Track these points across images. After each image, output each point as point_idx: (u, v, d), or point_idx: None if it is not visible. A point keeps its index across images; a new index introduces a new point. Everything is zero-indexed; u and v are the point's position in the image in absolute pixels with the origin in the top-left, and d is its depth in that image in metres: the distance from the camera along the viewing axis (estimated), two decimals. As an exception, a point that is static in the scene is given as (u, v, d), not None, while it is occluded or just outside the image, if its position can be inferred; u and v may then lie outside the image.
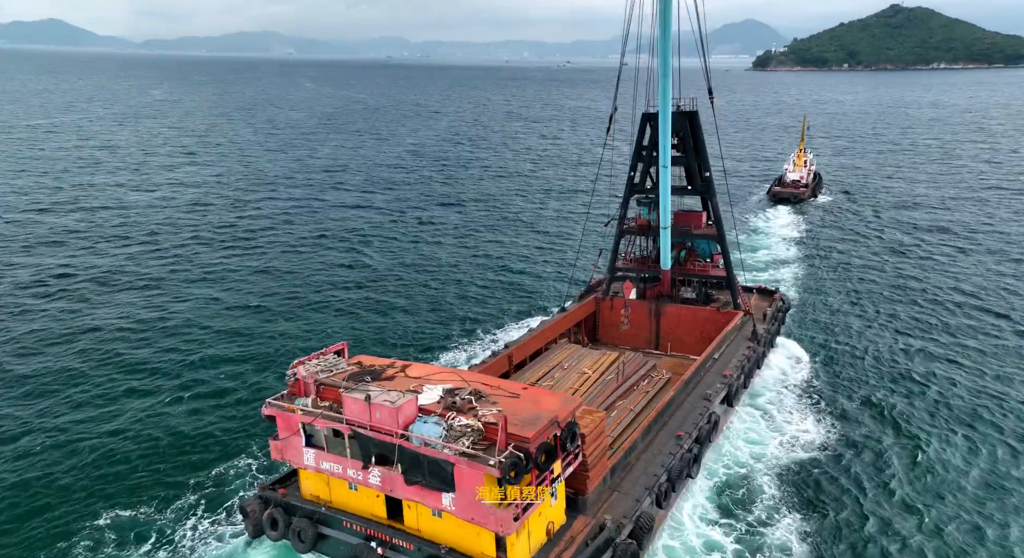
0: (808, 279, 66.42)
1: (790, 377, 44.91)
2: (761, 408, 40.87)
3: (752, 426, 38.79)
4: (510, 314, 56.67)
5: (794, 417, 40.04)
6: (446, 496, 21.56)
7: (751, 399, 41.51)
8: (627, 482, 27.72)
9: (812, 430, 38.69)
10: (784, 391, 43.11)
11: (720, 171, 47.75)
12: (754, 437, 37.66)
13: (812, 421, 39.62)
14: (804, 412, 40.62)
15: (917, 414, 41.10)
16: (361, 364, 27.46)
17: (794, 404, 41.54)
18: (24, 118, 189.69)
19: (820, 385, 44.34)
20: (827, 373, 46.26)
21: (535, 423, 21.76)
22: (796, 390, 43.38)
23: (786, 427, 38.89)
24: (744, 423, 38.97)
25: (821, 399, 42.39)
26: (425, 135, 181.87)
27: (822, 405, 41.72)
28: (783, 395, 42.59)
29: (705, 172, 44.90)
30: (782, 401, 41.83)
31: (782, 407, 41.13)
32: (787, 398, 42.27)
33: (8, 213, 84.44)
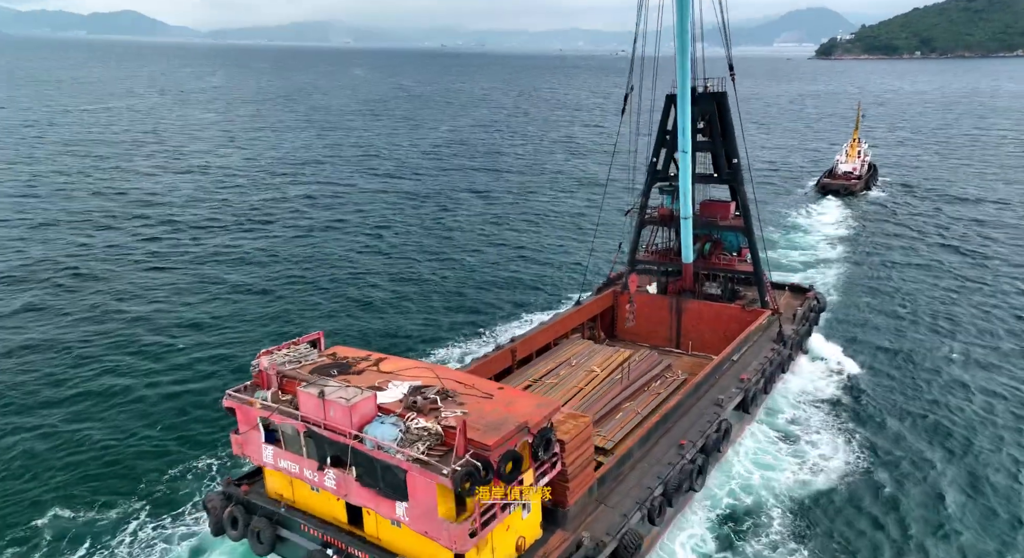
0: (852, 279, 61.81)
1: (819, 388, 40.88)
2: (781, 426, 36.95)
3: (767, 447, 34.90)
4: (524, 306, 54.57)
5: (819, 438, 35.66)
6: (400, 505, 19.74)
7: (770, 412, 37.91)
8: (617, 494, 25.41)
9: (839, 457, 34.09)
10: (810, 404, 39.18)
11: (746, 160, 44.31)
12: (768, 460, 33.65)
13: (840, 445, 35.13)
14: (831, 432, 36.29)
15: (976, 448, 35.47)
16: (335, 356, 25.86)
17: (820, 422, 37.36)
18: (81, 103, 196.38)
19: (854, 401, 39.81)
20: (864, 387, 41.51)
21: (499, 428, 19.70)
22: (824, 404, 39.23)
23: (807, 451, 34.52)
24: (758, 442, 35.20)
25: (854, 418, 37.75)
26: (464, 122, 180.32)
27: (853, 426, 37.02)
28: (808, 409, 38.65)
29: (733, 159, 41.67)
30: (806, 417, 37.80)
31: (805, 424, 37.02)
32: (813, 413, 38.24)
33: (39, 191, 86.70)
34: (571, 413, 24.65)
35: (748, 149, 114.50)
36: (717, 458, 31.60)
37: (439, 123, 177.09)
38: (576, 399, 34.21)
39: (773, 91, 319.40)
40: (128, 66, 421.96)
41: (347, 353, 26.28)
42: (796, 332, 40.47)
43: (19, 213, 77.01)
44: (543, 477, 21.75)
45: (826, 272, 63.01)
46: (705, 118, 41.65)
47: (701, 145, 42.36)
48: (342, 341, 46.33)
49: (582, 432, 23.72)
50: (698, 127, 42.25)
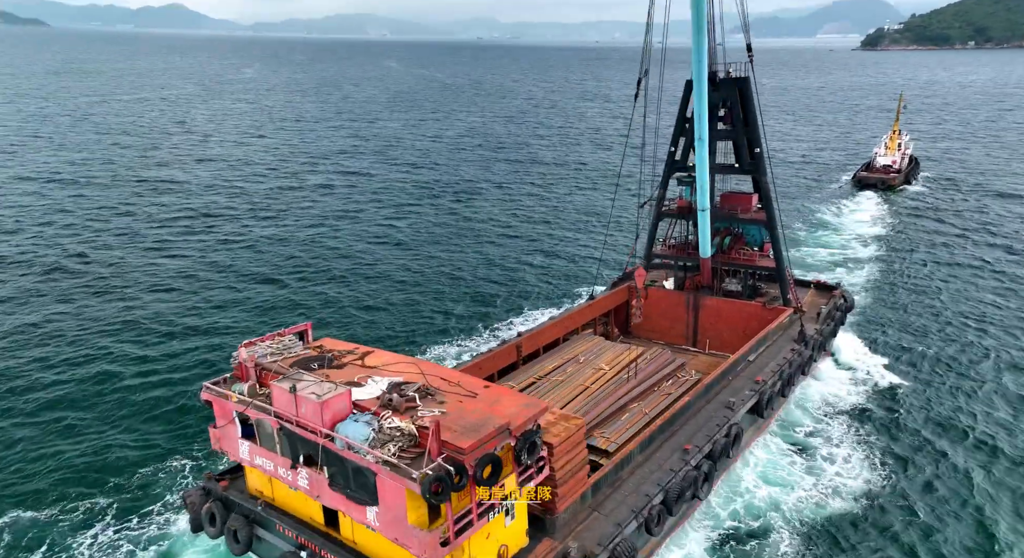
0: (885, 278, 58.79)
1: (842, 396, 38.39)
2: (797, 437, 34.22)
3: (780, 460, 32.33)
4: (535, 301, 53.25)
5: (838, 453, 32.88)
6: (371, 510, 18.63)
7: (787, 423, 35.53)
8: (613, 501, 23.96)
9: (859, 476, 31.09)
10: (831, 414, 36.64)
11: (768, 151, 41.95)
12: (781, 476, 31.01)
13: (861, 462, 32.30)
14: (853, 447, 33.49)
15: (1016, 474, 31.72)
16: (321, 348, 24.85)
17: (841, 434, 34.62)
18: (118, 92, 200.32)
19: (881, 413, 36.91)
20: (893, 398, 38.47)
21: (478, 430, 18.42)
22: (847, 415, 36.56)
23: (824, 468, 31.63)
24: (771, 453, 32.76)
25: (879, 433, 34.86)
26: (491, 114, 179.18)
27: (878, 442, 34.05)
28: (829, 419, 36.12)
29: (755, 148, 39.57)
30: (826, 428, 35.18)
31: (824, 437, 34.35)
32: (833, 424, 35.61)
33: (64, 175, 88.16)
34: (563, 414, 23.27)
35: (781, 142, 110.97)
36: (726, 465, 29.89)
37: (467, 114, 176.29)
38: (581, 398, 32.76)
39: (811, 82, 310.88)
40: (168, 58, 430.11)
41: (335, 346, 25.26)
42: (819, 332, 38.30)
43: (37, 195, 78.39)
44: (527, 483, 20.45)
45: (857, 270, 60.13)
46: (726, 105, 39.66)
47: (722, 133, 40.44)
48: (342, 332, 45.90)
49: (573, 435, 22.33)
50: (719, 115, 40.43)
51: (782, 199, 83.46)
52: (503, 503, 19.72)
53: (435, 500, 16.91)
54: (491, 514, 19.30)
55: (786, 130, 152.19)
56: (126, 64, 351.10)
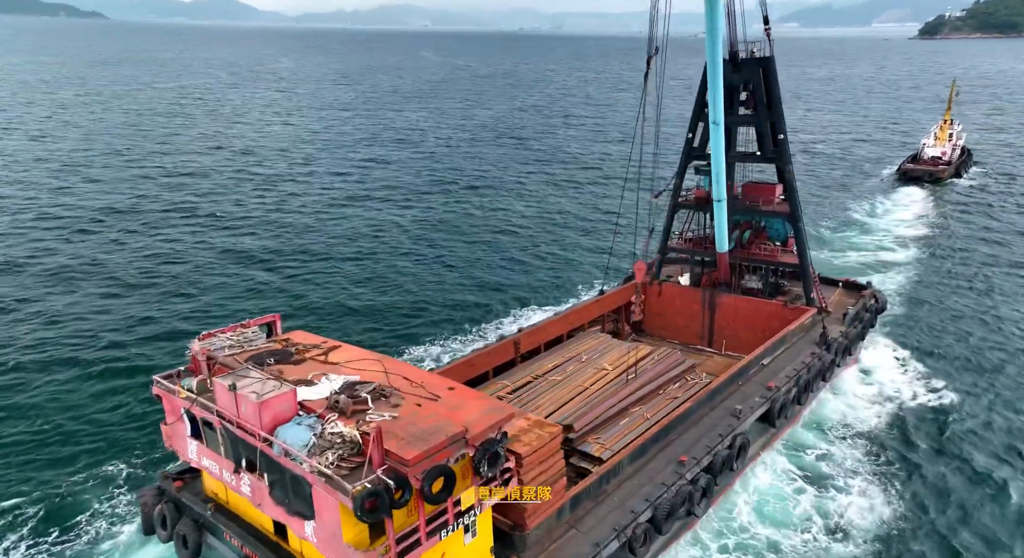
0: (926, 281, 54.42)
1: (864, 416, 34.59)
2: (807, 462, 30.41)
3: (784, 488, 28.55)
4: (545, 295, 51.19)
5: (851, 485, 28.92)
6: (308, 524, 16.91)
7: (795, 445, 31.94)
8: (594, 517, 21.83)
9: (877, 515, 27.38)
10: (848, 434, 32.92)
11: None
12: (784, 510, 27.29)
13: (880, 497, 28.30)
14: (871, 478, 29.64)
15: None
16: (287, 341, 23.27)
17: (858, 460, 30.77)
18: (157, 80, 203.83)
19: (909, 437, 32.74)
20: (925, 422, 34.32)
21: (428, 439, 16.51)
22: (867, 437, 32.74)
23: (835, 504, 27.59)
24: (775, 479, 29.10)
25: (903, 464, 30.59)
26: (519, 103, 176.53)
27: (901, 474, 29.79)
28: (845, 441, 32.37)
29: (779, 134, 36.62)
30: (842, 452, 31.42)
31: (838, 462, 30.61)
32: (850, 447, 31.84)
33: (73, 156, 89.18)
34: (538, 420, 21.20)
35: (820, 133, 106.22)
36: (730, 479, 27.46)
37: (494, 103, 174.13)
38: (578, 399, 30.59)
39: (859, 72, 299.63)
40: (212, 49, 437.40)
41: (303, 339, 23.65)
42: (845, 335, 35.30)
43: (48, 177, 79.28)
44: (489, 497, 18.49)
45: (894, 272, 55.97)
46: (748, 88, 36.77)
47: (743, 119, 37.63)
48: (330, 324, 44.55)
49: (547, 444, 20.26)
50: (740, 98, 37.61)
51: (816, 194, 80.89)
52: (460, 519, 17.80)
53: (367, 518, 15.07)
54: (444, 532, 17.40)
55: (827, 121, 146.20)
56: (171, 54, 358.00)
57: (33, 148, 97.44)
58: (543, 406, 30.05)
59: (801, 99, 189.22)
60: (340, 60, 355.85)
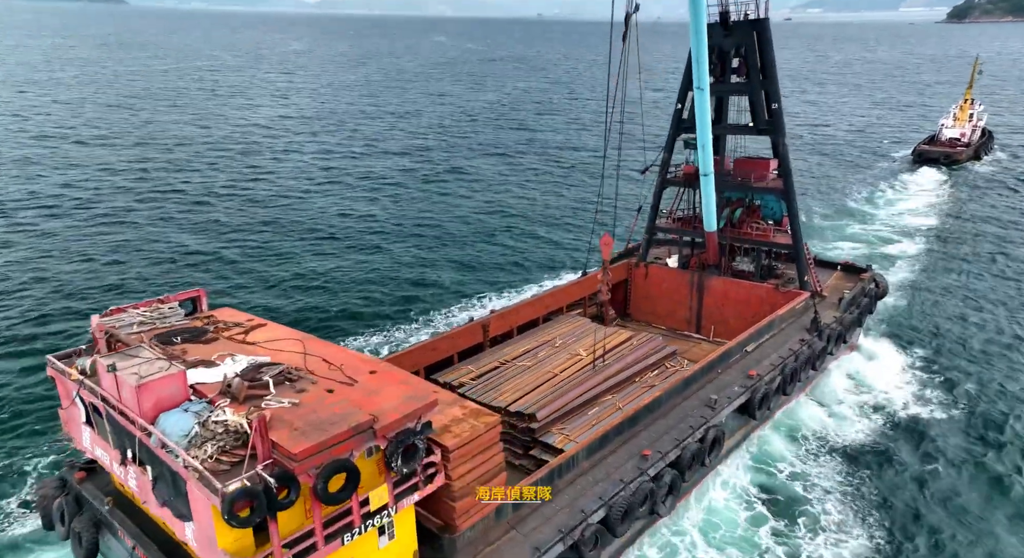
0: (935, 273, 50.64)
1: (844, 429, 30.63)
2: (772, 482, 26.31)
3: (739, 512, 24.71)
4: (524, 277, 48.83)
5: (825, 515, 24.85)
6: (188, 525, 14.81)
7: (763, 459, 28.07)
8: (539, 517, 19.58)
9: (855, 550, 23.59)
10: (826, 449, 29.03)
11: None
12: (731, 538, 23.54)
13: (860, 535, 24.25)
14: (848, 506, 25.41)
15: None
16: (211, 319, 21.17)
17: (835, 481, 26.73)
18: (163, 64, 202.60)
19: (897, 460, 28.46)
20: (919, 435, 30.14)
21: (325, 429, 14.33)
22: (847, 453, 28.65)
23: (803, 540, 23.70)
24: (732, 499, 25.35)
25: (887, 492, 26.35)
26: (523, 86, 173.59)
27: (884, 505, 25.50)
28: (822, 456, 28.41)
29: (773, 104, 33.83)
30: (816, 471, 27.31)
31: (811, 484, 26.45)
32: (826, 467, 27.73)
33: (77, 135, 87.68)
34: (475, 409, 18.90)
35: (833, 116, 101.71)
36: (703, 474, 25.11)
37: (499, 86, 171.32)
38: (546, 387, 28.34)
39: (880, 56, 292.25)
40: (222, 33, 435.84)
41: (228, 317, 21.55)
42: (839, 320, 32.62)
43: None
44: (408, 495, 16.31)
45: (898, 255, 52.88)
46: (741, 53, 33.96)
47: (735, 87, 34.88)
48: (291, 306, 42.70)
49: (481, 435, 17.99)
50: (732, 65, 34.82)
51: (822, 176, 77.30)
52: (370, 521, 15.64)
53: (237, 523, 12.90)
54: (349, 535, 15.24)
55: (840, 104, 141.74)
56: (181, 38, 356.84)
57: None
58: (507, 393, 27.90)
59: (816, 82, 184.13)
60: (351, 44, 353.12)
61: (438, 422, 17.95)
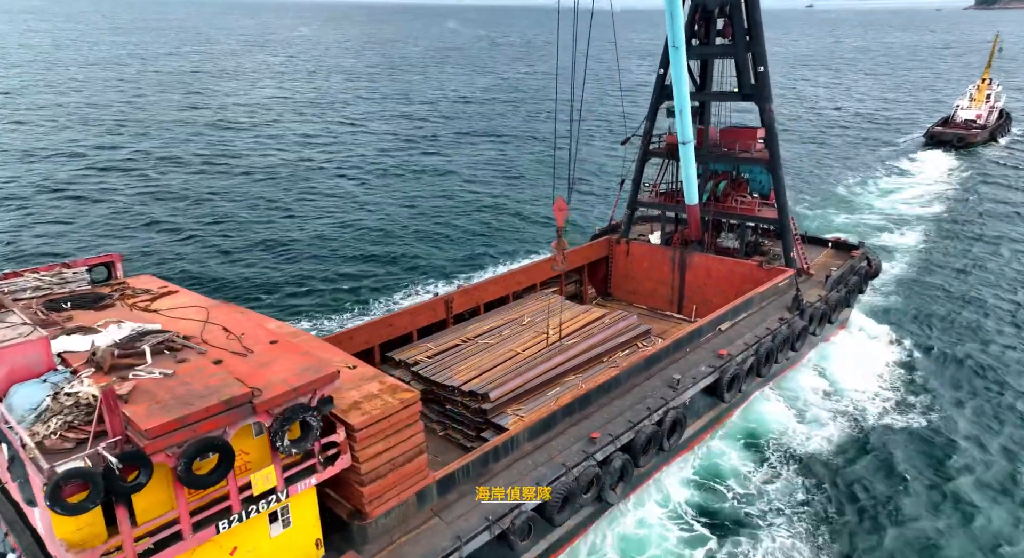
0: (940, 256, 47.75)
1: (809, 435, 27.28)
2: (713, 504, 23.02)
3: (668, 539, 21.57)
4: (506, 254, 46.95)
5: (769, 536, 21.75)
6: (35, 511, 13.14)
7: (706, 473, 24.75)
8: (468, 503, 17.77)
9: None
10: (784, 459, 25.72)
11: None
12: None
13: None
14: (798, 530, 22.08)
15: None
16: (121, 286, 19.49)
17: (791, 503, 23.39)
18: (169, 47, 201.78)
19: (868, 474, 25.13)
20: (900, 447, 26.58)
21: (189, 404, 12.56)
22: (809, 466, 25.21)
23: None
24: (669, 514, 22.40)
25: (858, 515, 23.10)
26: (525, 70, 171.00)
27: (847, 529, 22.32)
28: (777, 470, 25.11)
29: (759, 67, 31.49)
30: (768, 490, 23.91)
31: (760, 507, 23.06)
32: (782, 481, 24.42)
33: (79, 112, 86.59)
34: (394, 385, 17.02)
35: (845, 100, 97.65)
36: (664, 459, 23.19)
37: (502, 69, 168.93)
38: (505, 365, 26.47)
39: (899, 40, 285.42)
40: (232, 18, 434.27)
41: (142, 284, 19.87)
42: (824, 299, 30.40)
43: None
44: (303, 478, 14.54)
45: (899, 252, 49.73)
46: (727, 11, 31.64)
47: (720, 50, 32.62)
48: (253, 281, 41.55)
49: (396, 413, 16.13)
50: (717, 27, 32.56)
51: (827, 157, 74.35)
52: (253, 506, 13.89)
53: (62, 509, 11.17)
54: (226, 522, 13.50)
55: (856, 88, 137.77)
56: (193, 21, 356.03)
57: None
58: (463, 372, 26.08)
59: (830, 67, 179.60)
60: (360, 29, 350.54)
61: (349, 398, 16.19)
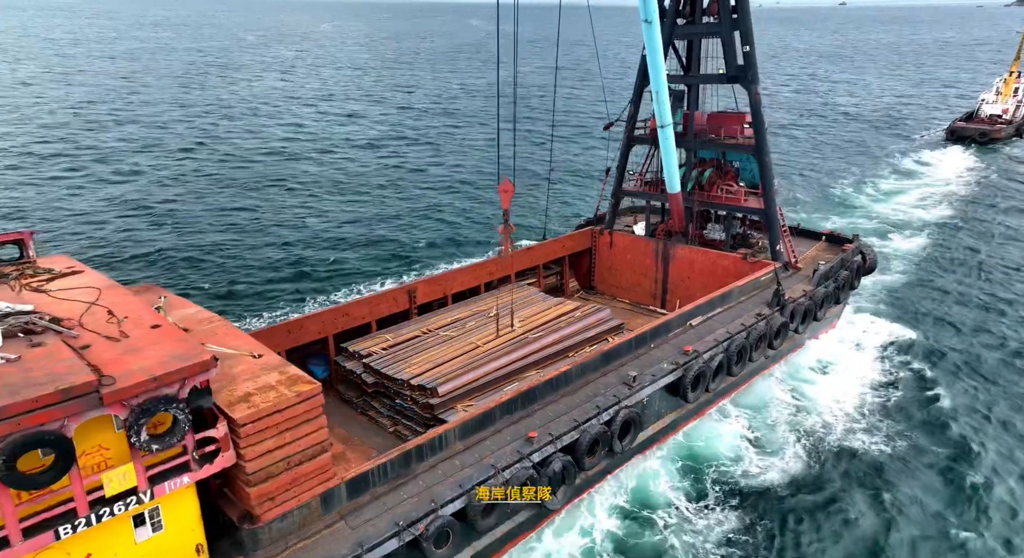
0: (946, 270, 43.19)
1: (809, 412, 25.78)
2: (636, 538, 20.43)
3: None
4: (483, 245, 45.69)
5: None
6: None
7: (637, 502, 21.99)
8: (379, 506, 16.26)
9: None
10: (729, 492, 22.60)
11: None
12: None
13: None
14: None
15: None
16: (26, 264, 18.34)
17: (739, 530, 20.90)
18: (183, 42, 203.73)
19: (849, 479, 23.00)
20: (879, 455, 24.30)
21: (14, 393, 11.24)
22: (758, 499, 22.22)
23: None
24: (588, 552, 19.91)
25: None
26: (538, 65, 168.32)
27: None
28: (718, 506, 22.02)
29: (745, 46, 29.52)
30: (727, 509, 21.69)
31: (704, 522, 21.01)
32: (733, 509, 21.74)
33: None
34: (296, 376, 15.54)
35: (864, 97, 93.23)
36: (616, 464, 21.48)
37: (514, 65, 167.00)
38: (463, 359, 25.02)
39: (931, 36, 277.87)
40: (256, 15, 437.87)
41: (49, 263, 18.68)
42: (809, 295, 28.34)
43: None
44: (170, 477, 13.15)
45: (912, 242, 46.96)
46: (712, -12, 29.75)
47: (706, 28, 30.69)
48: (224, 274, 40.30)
49: (290, 407, 14.66)
50: (703, 5, 30.67)
51: (837, 151, 71.40)
52: (107, 508, 12.51)
53: None
54: (69, 527, 12.13)
55: (874, 82, 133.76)
56: (216, 19, 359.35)
57: None
58: (416, 365, 24.69)
59: (853, 62, 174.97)
60: (382, 26, 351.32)
61: (242, 390, 14.78)
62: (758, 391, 28.26)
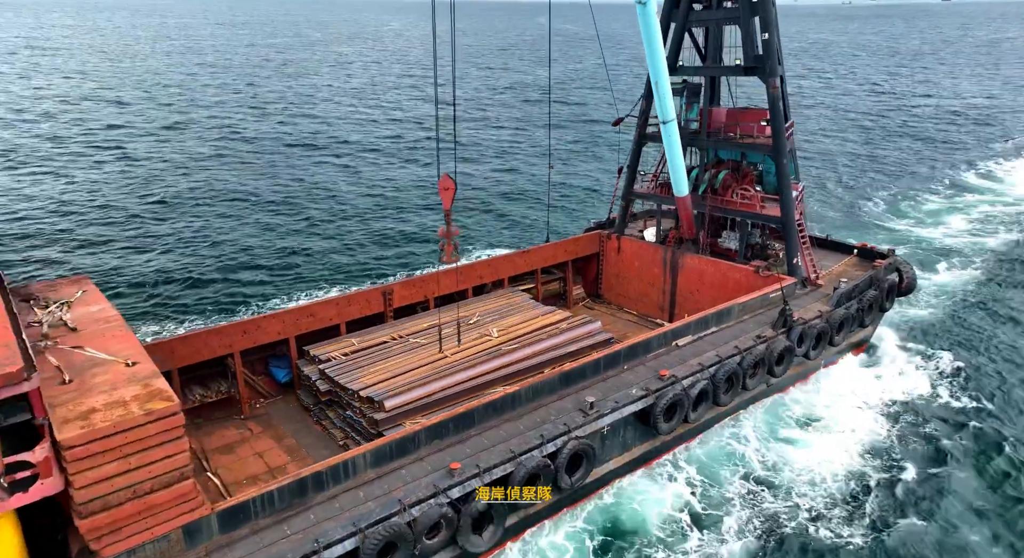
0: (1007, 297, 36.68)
1: (785, 471, 21.47)
2: None
3: None
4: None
5: None
6: None
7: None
8: (254, 543, 14.17)
9: None
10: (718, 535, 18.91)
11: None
12: None
13: None
14: None
15: None
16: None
17: None
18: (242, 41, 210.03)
19: None
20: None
21: None
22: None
23: None
24: None
25: None
26: (590, 61, 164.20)
27: None
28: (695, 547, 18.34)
29: (763, 34, 26.16)
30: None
31: None
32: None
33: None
34: (158, 390, 13.53)
35: (923, 96, 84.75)
36: (564, 503, 18.74)
37: (565, 61, 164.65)
38: (425, 369, 22.91)
39: (1001, 34, 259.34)
40: (329, 13, 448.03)
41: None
42: (824, 317, 24.68)
43: None
44: None
45: (962, 283, 40.50)
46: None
47: (724, 15, 27.56)
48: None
49: (135, 429, 12.68)
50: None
51: (905, 158, 65.42)
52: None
53: None
54: None
55: (960, 83, 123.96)
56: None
57: None
58: (372, 374, 22.78)
59: (941, 61, 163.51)
60: (444, 27, 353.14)
61: (87, 405, 12.94)
62: (726, 434, 23.36)
